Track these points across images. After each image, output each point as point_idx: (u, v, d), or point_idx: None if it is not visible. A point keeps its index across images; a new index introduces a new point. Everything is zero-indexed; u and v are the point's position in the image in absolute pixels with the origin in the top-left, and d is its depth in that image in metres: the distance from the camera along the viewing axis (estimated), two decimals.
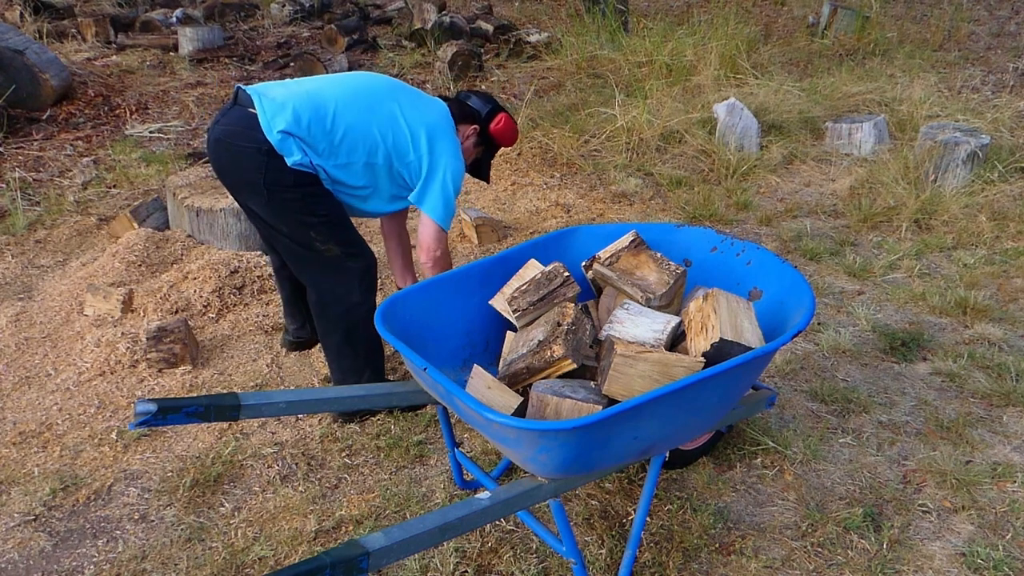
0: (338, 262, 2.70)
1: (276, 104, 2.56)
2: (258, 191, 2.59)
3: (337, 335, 2.80)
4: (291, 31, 9.21)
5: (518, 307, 2.32)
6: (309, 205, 2.62)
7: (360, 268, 2.73)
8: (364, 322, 2.75)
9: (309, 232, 2.64)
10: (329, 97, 2.62)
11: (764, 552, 2.36)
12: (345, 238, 2.71)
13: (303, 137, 2.55)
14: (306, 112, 2.56)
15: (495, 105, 2.93)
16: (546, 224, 4.51)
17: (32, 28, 7.84)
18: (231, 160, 2.62)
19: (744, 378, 2.09)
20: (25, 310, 3.55)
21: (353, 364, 2.84)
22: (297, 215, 2.62)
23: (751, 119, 5.55)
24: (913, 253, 4.20)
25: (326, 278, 2.73)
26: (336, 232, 2.68)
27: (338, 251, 2.68)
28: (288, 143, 2.53)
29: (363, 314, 2.75)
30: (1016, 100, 6.14)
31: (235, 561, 2.31)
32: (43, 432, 2.85)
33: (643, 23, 8.25)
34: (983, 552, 2.34)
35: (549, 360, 2.14)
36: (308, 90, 2.63)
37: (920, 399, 3.06)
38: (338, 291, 2.74)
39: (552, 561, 2.31)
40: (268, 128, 2.52)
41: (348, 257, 2.71)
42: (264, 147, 2.53)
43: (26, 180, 5.03)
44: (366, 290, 2.76)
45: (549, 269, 2.36)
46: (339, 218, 2.71)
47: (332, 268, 2.71)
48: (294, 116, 2.54)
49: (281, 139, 2.52)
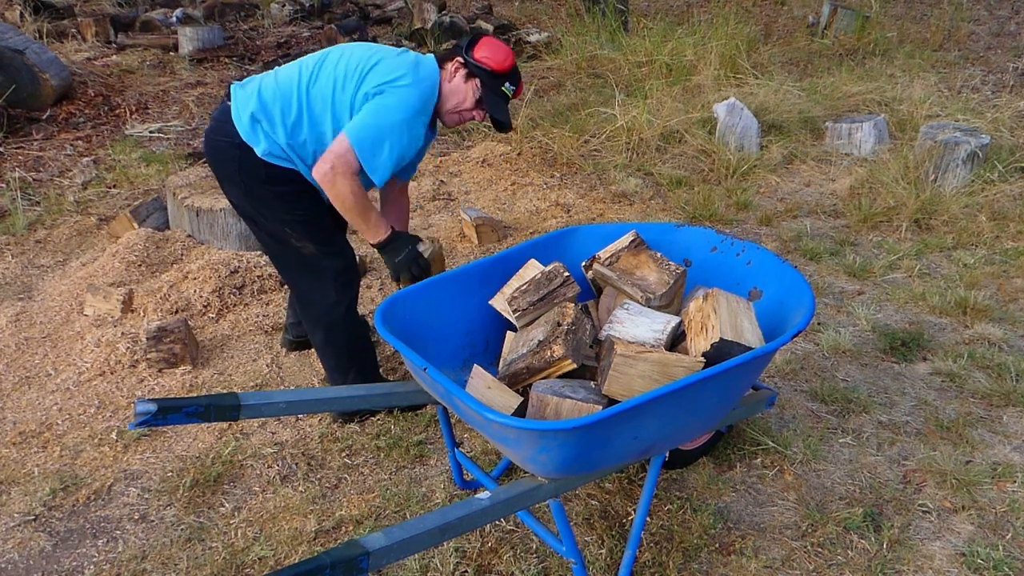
0: (314, 260, 2.68)
1: (246, 93, 2.57)
2: (236, 184, 2.62)
3: (319, 334, 2.81)
4: (291, 31, 9.20)
5: (518, 307, 2.32)
6: (285, 203, 2.60)
7: (336, 268, 2.70)
8: (343, 321, 2.75)
9: (285, 229, 2.63)
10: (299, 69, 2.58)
11: (764, 552, 2.36)
12: (321, 237, 2.67)
13: (268, 119, 2.51)
14: (271, 92, 2.54)
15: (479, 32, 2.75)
16: (546, 224, 4.51)
17: (32, 28, 7.84)
18: (213, 155, 2.65)
19: (744, 378, 2.09)
20: (25, 310, 3.55)
21: (337, 363, 2.84)
22: (273, 211, 2.62)
23: (751, 119, 5.55)
24: (913, 253, 4.20)
25: (303, 278, 2.73)
26: (312, 231, 2.65)
27: (313, 249, 2.66)
28: (256, 131, 2.52)
29: (341, 314, 2.74)
30: (1016, 100, 6.14)
31: (235, 561, 2.31)
32: (43, 432, 2.85)
33: (643, 23, 8.25)
34: (983, 552, 2.34)
35: (549, 360, 2.14)
36: (280, 72, 2.61)
37: (920, 399, 3.06)
38: (315, 292, 2.73)
39: (552, 561, 2.31)
40: (238, 118, 2.54)
41: (324, 256, 2.68)
42: (236, 140, 2.53)
43: (26, 180, 5.03)
44: (342, 289, 2.73)
45: (549, 269, 2.36)
46: (316, 217, 2.67)
47: (308, 267, 2.69)
48: (258, 99, 2.53)
49: (250, 126, 2.52)
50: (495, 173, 5.17)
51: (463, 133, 5.97)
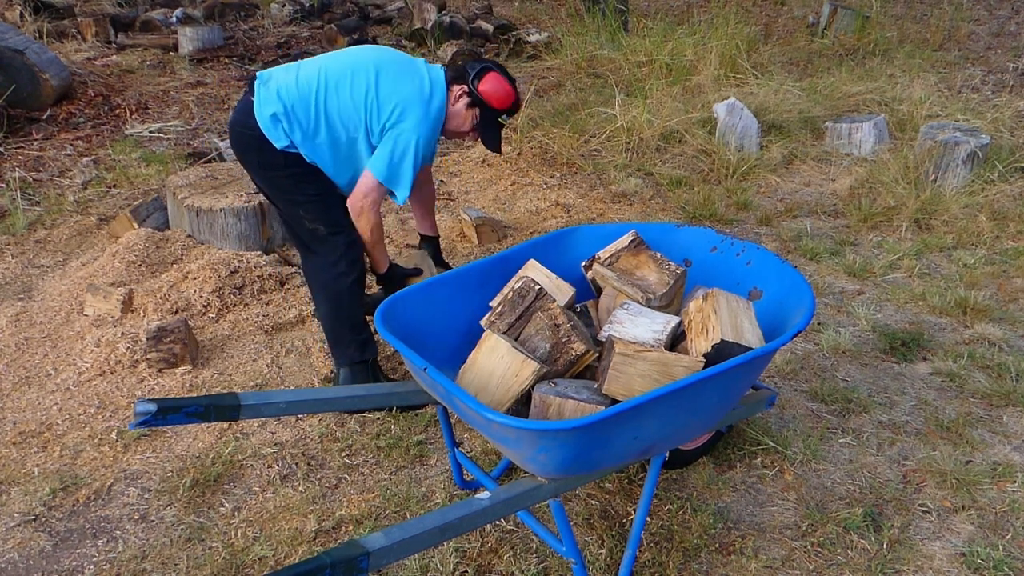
0: (325, 237, 2.86)
1: (268, 92, 2.76)
2: (256, 171, 2.88)
3: (325, 305, 2.94)
4: (291, 31, 9.21)
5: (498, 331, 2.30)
6: (299, 184, 2.81)
7: (346, 242, 2.86)
8: (349, 292, 2.88)
9: (299, 210, 2.84)
10: (317, 79, 2.77)
11: (764, 552, 2.36)
12: (331, 218, 2.84)
13: (288, 120, 2.72)
14: (291, 96, 2.74)
15: (488, 64, 2.86)
16: (546, 224, 4.51)
17: (32, 28, 7.84)
18: (236, 143, 2.87)
19: (744, 378, 2.09)
20: (25, 310, 3.55)
21: (339, 337, 2.95)
22: (288, 194, 2.84)
23: (751, 119, 5.54)
24: (913, 253, 4.20)
25: (315, 250, 2.91)
26: (323, 212, 2.83)
27: (324, 230, 2.84)
28: (277, 128, 2.73)
29: (348, 284, 2.87)
30: (1016, 100, 6.14)
31: (235, 561, 2.31)
32: (43, 432, 2.85)
33: (643, 23, 8.25)
34: (983, 552, 2.34)
35: (572, 360, 2.17)
36: (300, 74, 2.79)
37: (920, 399, 3.06)
38: (326, 261, 2.88)
39: (552, 561, 2.31)
40: (260, 114, 2.74)
41: (334, 235, 2.85)
42: (256, 132, 2.74)
43: (26, 180, 5.03)
44: (351, 262, 2.87)
45: (519, 286, 2.31)
46: (328, 198, 2.85)
47: (320, 241, 2.87)
48: (279, 101, 2.73)
49: (271, 123, 2.73)
50: (495, 173, 5.17)
51: None
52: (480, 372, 2.12)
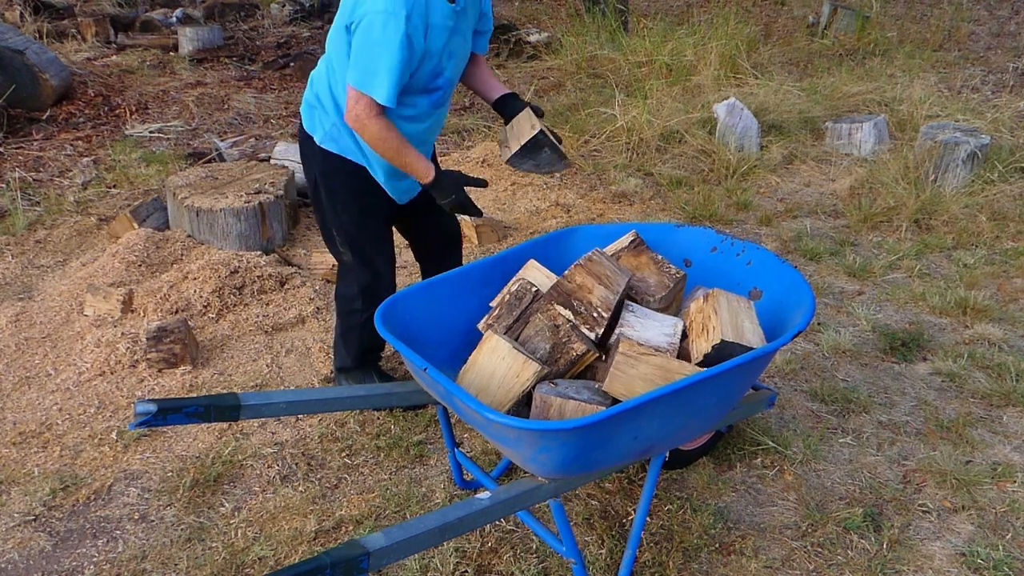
0: (349, 266, 2.81)
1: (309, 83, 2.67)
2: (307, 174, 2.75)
3: (340, 325, 2.96)
4: (291, 31, 9.20)
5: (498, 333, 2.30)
6: (335, 202, 2.69)
7: (364, 281, 2.80)
8: (360, 327, 2.88)
9: (332, 231, 2.77)
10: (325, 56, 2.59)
11: (764, 552, 2.36)
12: (360, 250, 2.76)
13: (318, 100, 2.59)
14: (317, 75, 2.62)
15: None
16: (546, 224, 4.51)
17: (32, 28, 7.84)
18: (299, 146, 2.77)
19: (744, 378, 2.09)
20: (25, 310, 3.55)
21: (344, 358, 2.97)
22: (323, 212, 2.75)
23: (751, 119, 5.54)
24: (913, 253, 4.20)
25: (340, 273, 2.90)
26: (353, 242, 2.75)
27: (351, 259, 2.79)
28: (313, 117, 2.62)
29: (362, 321, 2.86)
30: (1016, 100, 6.14)
31: (235, 561, 2.31)
32: (43, 432, 2.85)
33: (643, 23, 8.25)
34: (983, 552, 2.34)
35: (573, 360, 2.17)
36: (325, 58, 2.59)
37: (920, 399, 3.06)
38: (348, 292, 2.86)
39: (552, 561, 2.31)
40: (303, 109, 2.68)
41: (357, 267, 2.80)
42: (304, 134, 2.67)
43: (26, 180, 5.03)
44: (367, 302, 2.81)
45: (515, 288, 2.31)
46: (359, 228, 2.73)
47: (345, 268, 2.85)
48: (310, 86, 2.65)
49: (308, 113, 2.64)
50: (495, 173, 5.17)
51: (463, 133, 5.97)
52: (481, 373, 2.12)
